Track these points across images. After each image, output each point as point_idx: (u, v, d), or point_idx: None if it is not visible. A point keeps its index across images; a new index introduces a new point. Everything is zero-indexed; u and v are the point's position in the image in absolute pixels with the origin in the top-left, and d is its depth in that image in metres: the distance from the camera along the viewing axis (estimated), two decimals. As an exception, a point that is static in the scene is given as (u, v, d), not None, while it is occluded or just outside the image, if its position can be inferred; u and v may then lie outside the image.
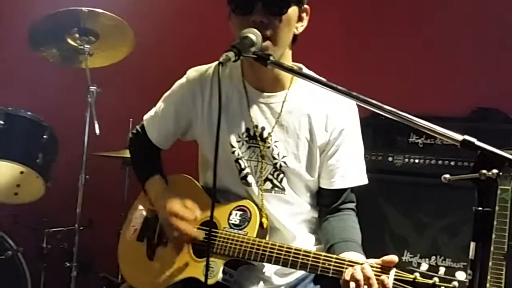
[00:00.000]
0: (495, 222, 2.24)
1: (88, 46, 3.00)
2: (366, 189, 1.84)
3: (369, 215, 2.78)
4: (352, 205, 1.83)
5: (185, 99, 1.83)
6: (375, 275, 1.44)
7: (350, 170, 1.78)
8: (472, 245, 1.10)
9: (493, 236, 2.23)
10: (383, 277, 1.43)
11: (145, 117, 1.99)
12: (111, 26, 3.00)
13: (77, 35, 3.01)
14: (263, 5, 1.58)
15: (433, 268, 1.43)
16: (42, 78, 3.41)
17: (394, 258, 1.45)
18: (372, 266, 1.46)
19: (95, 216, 3.18)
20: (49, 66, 3.24)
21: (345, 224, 1.77)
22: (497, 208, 2.25)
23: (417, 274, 1.40)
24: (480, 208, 1.11)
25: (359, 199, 2.20)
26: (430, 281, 1.37)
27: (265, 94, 1.76)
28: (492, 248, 2.23)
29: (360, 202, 2.77)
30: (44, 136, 2.97)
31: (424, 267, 1.41)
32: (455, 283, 1.34)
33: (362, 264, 1.47)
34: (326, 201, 1.81)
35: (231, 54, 1.42)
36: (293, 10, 1.65)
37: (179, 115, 1.87)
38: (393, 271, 1.44)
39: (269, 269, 1.77)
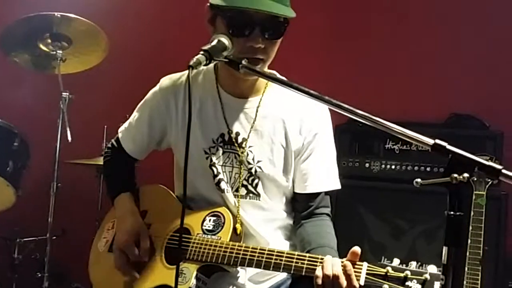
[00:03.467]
0: (470, 227, 2.25)
1: (61, 52, 2.97)
2: (343, 195, 1.83)
3: (346, 221, 2.80)
4: (327, 210, 1.81)
5: (159, 107, 1.82)
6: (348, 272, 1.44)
7: (323, 174, 1.77)
8: (445, 249, 1.09)
9: (469, 241, 2.24)
10: (352, 270, 1.44)
11: (120, 129, 1.96)
12: (84, 32, 2.97)
13: (49, 41, 2.99)
14: (261, 30, 1.58)
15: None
16: (13, 84, 3.36)
17: (356, 250, 1.46)
18: (343, 264, 1.47)
19: (68, 225, 3.12)
20: (21, 71, 3.18)
21: (321, 230, 1.75)
22: (472, 213, 2.26)
23: (389, 268, 1.39)
24: (452, 213, 1.10)
25: (337, 205, 2.18)
26: (401, 274, 1.37)
27: (240, 99, 1.75)
28: (468, 253, 2.24)
29: (337, 208, 2.77)
30: (15, 144, 2.91)
31: (396, 262, 1.41)
32: (427, 276, 1.34)
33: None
34: (300, 206, 1.80)
35: (202, 58, 1.40)
36: None
37: (153, 123, 1.85)
38: (365, 266, 1.44)
39: (243, 276, 1.75)
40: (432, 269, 1.35)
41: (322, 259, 1.50)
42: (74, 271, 3.13)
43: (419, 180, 1.16)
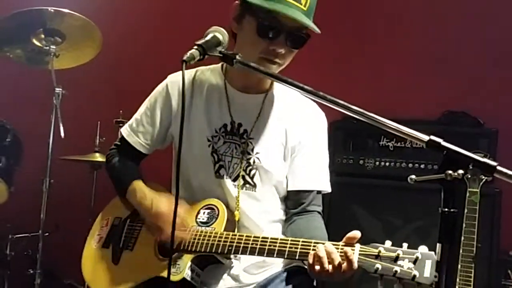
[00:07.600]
0: (464, 225, 2.25)
1: (54, 47, 2.94)
2: (337, 192, 1.84)
3: (340, 218, 2.79)
4: (319, 208, 1.84)
5: (165, 101, 1.84)
6: (341, 253, 1.45)
7: (315, 173, 1.82)
8: (438, 246, 1.09)
9: (462, 238, 2.24)
10: (346, 248, 1.44)
11: (123, 129, 1.95)
12: (77, 27, 2.95)
13: (42, 36, 2.96)
14: (286, 37, 1.64)
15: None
16: (6, 79, 3.33)
17: (356, 233, 1.47)
18: (336, 245, 1.48)
19: (61, 221, 3.11)
20: (13, 66, 3.15)
21: (312, 225, 1.78)
22: (466, 210, 2.26)
23: (381, 249, 1.41)
24: (446, 209, 1.10)
25: (330, 202, 2.17)
26: (393, 254, 1.38)
27: (246, 94, 1.80)
28: (461, 251, 2.24)
29: (331, 205, 2.75)
30: (7, 139, 2.91)
31: (388, 243, 1.42)
32: (418, 254, 1.35)
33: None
34: (292, 204, 1.83)
35: (195, 53, 1.42)
36: None
37: (161, 116, 1.85)
38: (357, 246, 1.45)
39: (238, 267, 1.76)
40: (424, 249, 1.37)
41: (316, 242, 1.51)
42: (67, 267, 3.11)
43: (413, 176, 1.16)
